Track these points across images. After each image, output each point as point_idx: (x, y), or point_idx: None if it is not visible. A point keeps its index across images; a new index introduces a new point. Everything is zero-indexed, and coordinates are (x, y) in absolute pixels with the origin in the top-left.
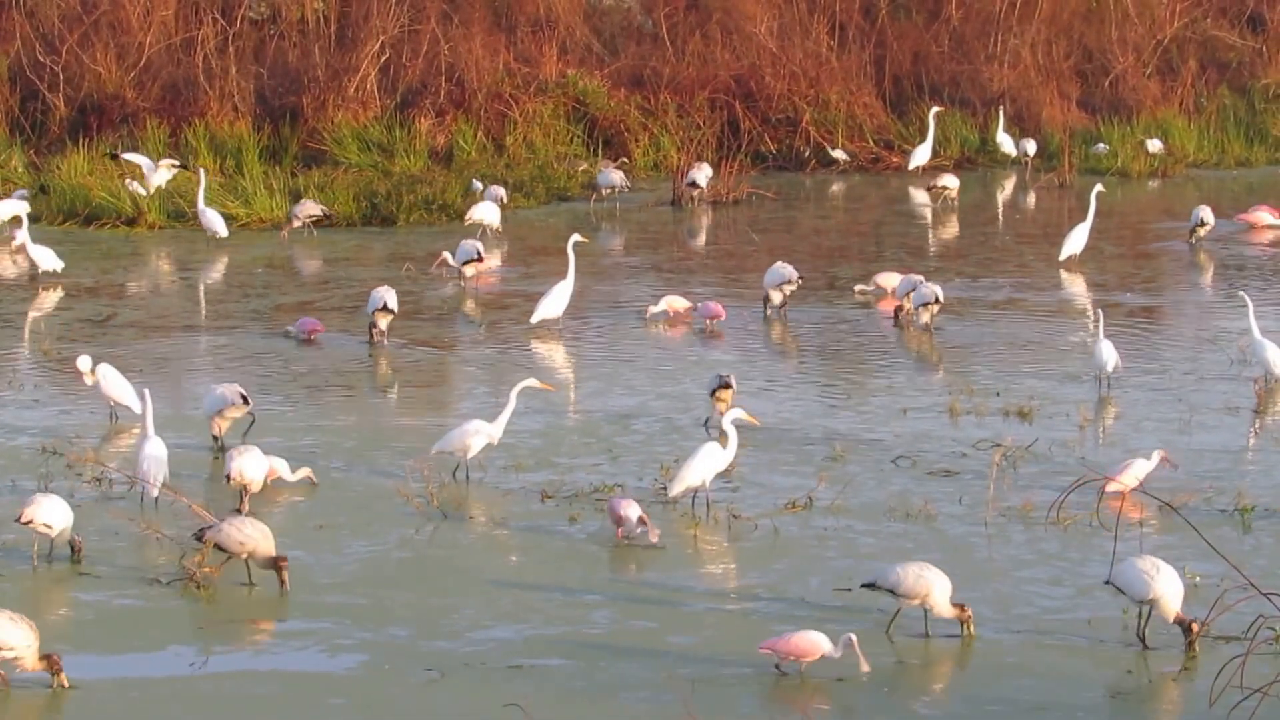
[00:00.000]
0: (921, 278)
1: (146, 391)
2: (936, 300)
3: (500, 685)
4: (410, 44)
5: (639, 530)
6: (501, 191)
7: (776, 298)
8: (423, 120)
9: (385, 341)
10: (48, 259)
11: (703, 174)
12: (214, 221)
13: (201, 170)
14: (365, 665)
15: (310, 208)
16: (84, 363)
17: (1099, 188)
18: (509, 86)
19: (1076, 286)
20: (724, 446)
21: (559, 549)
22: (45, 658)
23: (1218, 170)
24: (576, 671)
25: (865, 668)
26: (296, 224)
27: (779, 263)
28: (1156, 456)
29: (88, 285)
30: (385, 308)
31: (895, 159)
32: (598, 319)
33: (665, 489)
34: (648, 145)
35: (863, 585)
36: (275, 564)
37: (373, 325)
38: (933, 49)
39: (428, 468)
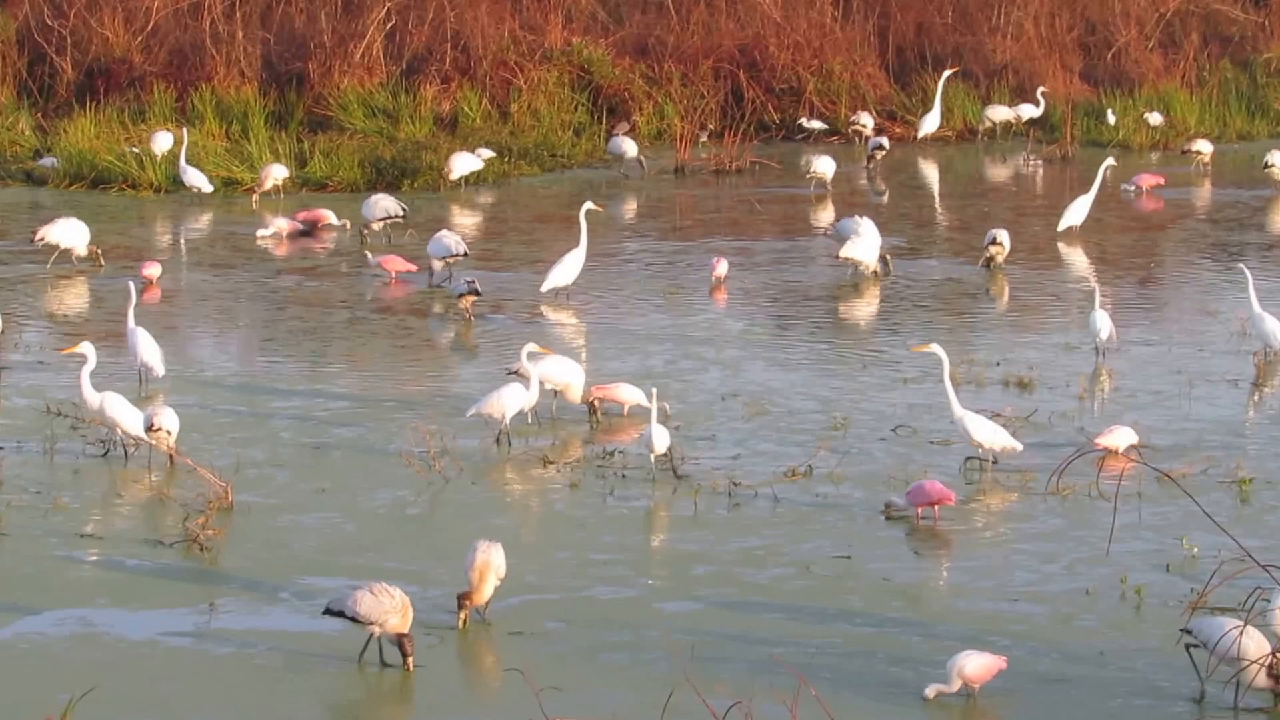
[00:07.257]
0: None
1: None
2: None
3: (501, 651)
4: (416, 11)
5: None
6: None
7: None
8: (428, 87)
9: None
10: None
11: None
12: (196, 179)
13: (184, 130)
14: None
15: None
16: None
17: (1110, 161)
18: (514, 54)
19: (1076, 258)
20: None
21: (560, 515)
22: (399, 635)
23: (1219, 144)
24: (576, 636)
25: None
26: (267, 185)
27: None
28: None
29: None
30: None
31: (898, 129)
32: (601, 285)
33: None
34: (652, 114)
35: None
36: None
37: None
38: (936, 20)
39: (429, 432)
